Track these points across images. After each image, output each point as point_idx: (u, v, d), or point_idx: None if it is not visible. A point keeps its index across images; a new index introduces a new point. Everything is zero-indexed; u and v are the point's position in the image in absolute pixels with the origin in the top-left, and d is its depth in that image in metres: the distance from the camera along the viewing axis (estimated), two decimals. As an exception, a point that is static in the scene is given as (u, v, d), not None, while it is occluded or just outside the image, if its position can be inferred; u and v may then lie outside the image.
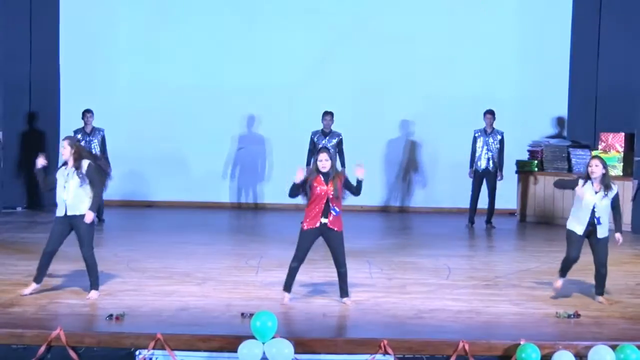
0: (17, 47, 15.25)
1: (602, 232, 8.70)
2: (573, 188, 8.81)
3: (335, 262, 8.58)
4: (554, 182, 9.52)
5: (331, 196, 8.37)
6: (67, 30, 15.95)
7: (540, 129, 16.10)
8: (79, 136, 13.94)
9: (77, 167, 8.62)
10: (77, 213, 8.60)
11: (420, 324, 7.89)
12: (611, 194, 8.69)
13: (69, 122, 14.97)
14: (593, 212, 8.65)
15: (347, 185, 8.53)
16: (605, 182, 8.66)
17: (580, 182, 8.77)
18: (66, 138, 8.82)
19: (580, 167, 14.53)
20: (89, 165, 8.69)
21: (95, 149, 13.89)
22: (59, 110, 15.90)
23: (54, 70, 15.81)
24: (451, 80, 16.25)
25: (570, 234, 8.81)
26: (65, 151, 8.64)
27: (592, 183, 8.68)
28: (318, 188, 8.36)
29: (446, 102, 16.24)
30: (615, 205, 8.76)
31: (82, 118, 13.96)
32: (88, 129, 13.95)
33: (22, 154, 15.38)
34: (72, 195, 8.57)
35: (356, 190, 8.57)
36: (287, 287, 8.59)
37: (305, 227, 8.47)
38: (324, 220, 8.41)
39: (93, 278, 8.71)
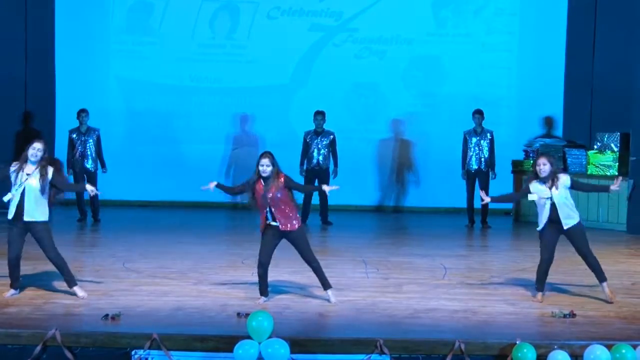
0: (13, 47, 15.23)
1: (567, 222, 8.66)
2: (526, 195, 8.80)
3: (304, 260, 8.60)
4: (500, 198, 9.47)
5: (270, 201, 8.35)
6: (63, 29, 15.95)
7: (535, 128, 16.12)
8: (74, 136, 13.95)
9: (43, 173, 8.40)
10: (34, 219, 8.40)
11: (416, 323, 7.89)
12: (564, 182, 8.65)
13: (64, 121, 14.99)
14: (553, 207, 8.64)
15: (291, 185, 8.48)
16: (553, 175, 8.62)
17: (531, 183, 8.73)
18: (41, 140, 8.54)
19: (575, 167, 14.56)
20: (53, 172, 8.50)
21: (91, 148, 13.89)
22: (54, 109, 15.89)
23: (49, 70, 15.79)
24: (446, 80, 16.28)
25: (540, 234, 8.87)
26: (35, 153, 8.39)
27: (543, 181, 8.66)
28: (260, 193, 8.37)
29: (441, 101, 16.27)
30: (576, 184, 8.78)
31: (77, 118, 13.97)
32: (83, 129, 13.95)
33: (17, 153, 15.29)
34: (31, 201, 8.37)
35: (302, 189, 8.62)
36: (262, 292, 8.60)
37: (260, 232, 8.54)
38: (273, 223, 8.43)
39: (67, 276, 8.61)
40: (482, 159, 14.27)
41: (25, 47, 15.47)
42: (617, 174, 14.07)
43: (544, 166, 8.62)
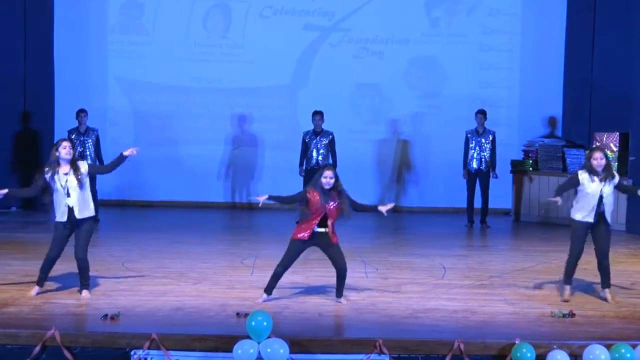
0: (12, 46, 15.22)
1: (609, 217, 8.72)
2: (576, 185, 8.78)
3: (337, 268, 8.58)
4: (555, 193, 9.14)
5: (331, 211, 8.39)
6: (61, 29, 15.93)
7: (534, 128, 16.13)
8: (73, 136, 13.93)
9: (75, 169, 8.55)
10: (84, 216, 8.58)
11: (416, 323, 7.89)
12: (614, 181, 8.72)
13: (63, 121, 14.98)
14: (600, 199, 8.66)
15: (346, 199, 8.53)
16: (609, 171, 8.69)
17: (581, 173, 8.75)
18: (66, 139, 8.74)
19: (574, 167, 14.55)
20: (88, 164, 8.77)
21: (90, 149, 13.87)
22: (53, 109, 15.87)
23: (48, 70, 15.77)
24: (445, 80, 16.27)
25: (576, 224, 8.77)
26: (68, 151, 8.52)
27: (596, 174, 8.69)
28: (318, 204, 8.36)
29: (440, 102, 16.27)
30: (621, 187, 8.82)
31: (76, 118, 13.95)
32: (82, 129, 13.92)
33: (16, 153, 15.36)
34: (78, 200, 8.52)
35: (358, 207, 8.60)
36: (269, 289, 8.61)
37: (297, 237, 8.48)
38: (318, 229, 8.44)
39: (85, 279, 8.68)
40: (483, 159, 14.27)
41: (25, 47, 15.44)
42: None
43: (601, 160, 8.65)
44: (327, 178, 8.40)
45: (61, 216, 8.55)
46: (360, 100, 16.36)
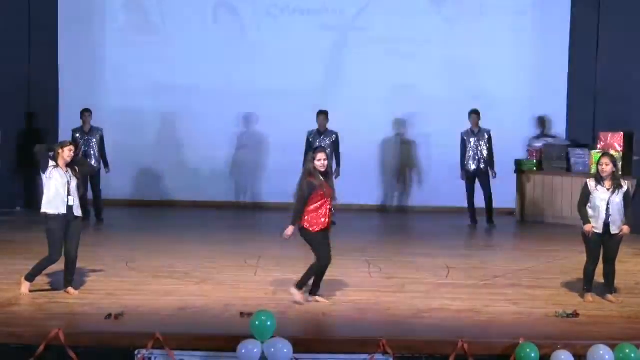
0: (16, 46, 15.23)
1: (614, 228, 8.76)
2: (588, 194, 8.84)
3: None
4: (583, 219, 8.90)
5: (331, 194, 8.44)
6: (66, 28, 15.93)
7: (539, 128, 16.10)
8: (78, 135, 13.94)
9: (74, 170, 8.75)
10: (78, 214, 8.76)
11: (420, 323, 7.89)
12: (623, 190, 8.78)
13: (67, 121, 14.98)
14: (607, 209, 8.71)
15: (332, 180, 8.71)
16: (616, 178, 8.77)
17: (589, 181, 8.87)
18: (71, 142, 8.95)
19: (579, 166, 14.54)
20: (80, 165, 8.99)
21: (94, 148, 13.88)
22: (57, 109, 15.88)
23: (52, 70, 15.79)
24: (448, 79, 16.24)
25: (586, 238, 8.85)
26: (72, 154, 8.71)
27: (603, 181, 8.77)
28: (322, 188, 8.38)
29: (444, 101, 16.24)
30: (625, 200, 8.83)
31: (81, 117, 13.96)
32: (86, 129, 13.93)
33: (20, 153, 15.36)
34: (76, 197, 8.68)
35: None
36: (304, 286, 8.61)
37: (317, 229, 8.42)
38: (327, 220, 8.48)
39: (71, 276, 8.81)
40: (481, 159, 14.25)
41: (29, 46, 15.45)
42: (620, 173, 14.03)
43: (606, 167, 8.75)
44: (321, 160, 8.43)
45: (60, 210, 8.59)
46: (364, 98, 16.23)
